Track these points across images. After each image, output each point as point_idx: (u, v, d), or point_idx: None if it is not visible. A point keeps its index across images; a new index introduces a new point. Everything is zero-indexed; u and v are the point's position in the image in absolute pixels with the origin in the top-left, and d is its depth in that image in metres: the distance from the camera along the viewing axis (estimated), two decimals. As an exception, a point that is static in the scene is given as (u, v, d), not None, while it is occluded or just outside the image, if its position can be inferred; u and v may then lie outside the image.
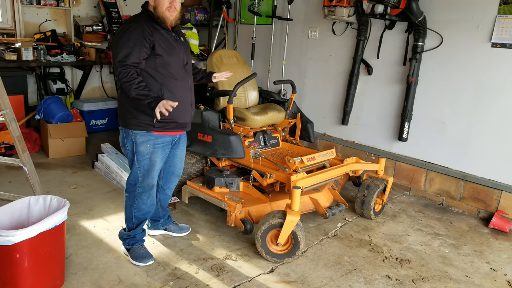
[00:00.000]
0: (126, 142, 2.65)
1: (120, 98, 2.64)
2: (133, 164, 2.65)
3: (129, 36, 2.42)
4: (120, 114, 2.64)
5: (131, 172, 2.69)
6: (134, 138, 2.58)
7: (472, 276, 2.87)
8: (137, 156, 2.61)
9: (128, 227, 2.77)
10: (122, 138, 2.69)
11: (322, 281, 2.67)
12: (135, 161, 2.63)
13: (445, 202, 4.06)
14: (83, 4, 5.68)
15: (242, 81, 3.37)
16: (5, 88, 2.66)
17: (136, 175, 2.66)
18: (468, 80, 3.79)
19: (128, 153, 2.68)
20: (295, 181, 2.96)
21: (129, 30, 2.46)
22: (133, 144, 2.61)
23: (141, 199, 2.69)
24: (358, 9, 4.27)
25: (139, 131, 2.56)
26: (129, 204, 2.73)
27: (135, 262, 2.71)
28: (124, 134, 2.66)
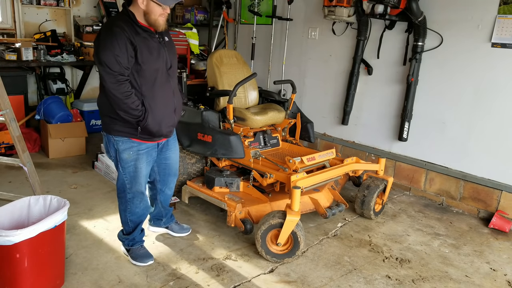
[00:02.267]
0: (109, 149, 2.55)
1: (100, 103, 2.46)
2: (119, 171, 2.57)
3: (116, 43, 2.24)
4: (101, 119, 2.52)
5: (118, 178, 2.61)
6: (116, 145, 2.48)
7: (472, 276, 2.87)
8: (121, 163, 2.52)
9: (125, 231, 2.74)
10: (106, 144, 2.58)
11: (322, 281, 2.67)
12: (120, 168, 2.54)
13: (445, 202, 4.06)
14: (83, 4, 5.68)
15: (242, 81, 3.37)
16: (5, 88, 2.66)
17: (123, 181, 2.58)
18: (468, 80, 3.79)
19: (113, 160, 2.60)
20: (295, 181, 2.96)
21: (115, 36, 2.25)
22: (116, 151, 2.51)
23: (133, 204, 2.63)
24: (358, 9, 4.27)
25: (120, 138, 2.45)
26: (122, 209, 2.68)
27: (135, 262, 2.70)
28: (106, 140, 2.54)
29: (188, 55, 5.97)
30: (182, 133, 3.55)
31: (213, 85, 3.79)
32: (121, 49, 2.24)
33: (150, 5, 2.32)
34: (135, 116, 2.36)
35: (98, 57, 2.27)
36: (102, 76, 2.28)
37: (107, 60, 2.23)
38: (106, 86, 2.28)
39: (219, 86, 3.73)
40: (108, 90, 2.28)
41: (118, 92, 2.27)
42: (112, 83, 2.26)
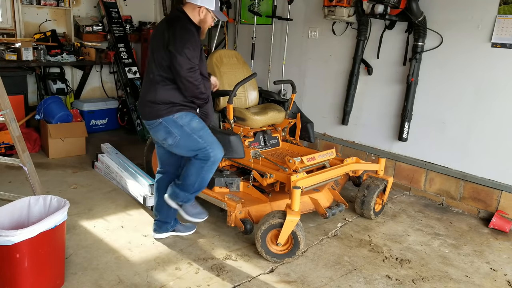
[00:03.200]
0: (172, 130, 2.67)
1: (158, 93, 2.64)
2: (195, 144, 2.68)
3: (194, 39, 2.61)
4: (156, 108, 2.65)
5: (193, 151, 2.69)
6: (180, 121, 2.66)
7: (472, 276, 2.87)
8: (195, 133, 2.68)
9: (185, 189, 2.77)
10: (164, 130, 2.68)
11: (322, 281, 2.67)
12: (196, 138, 2.68)
13: (445, 202, 4.06)
14: (83, 4, 5.68)
15: (242, 81, 3.37)
16: (5, 88, 2.66)
17: (204, 148, 2.68)
18: (468, 80, 3.79)
19: (177, 140, 2.68)
20: (295, 181, 2.96)
21: (192, 33, 2.62)
22: (181, 127, 2.67)
23: (212, 168, 2.75)
24: (358, 9, 4.27)
25: (181, 113, 2.67)
26: (194, 173, 2.73)
27: (190, 218, 2.82)
28: (165, 125, 2.67)
29: (188, 55, 5.97)
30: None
31: (213, 85, 3.78)
32: (196, 45, 2.62)
33: (208, 16, 2.72)
34: (202, 99, 2.71)
35: (178, 48, 2.53)
36: (180, 65, 2.53)
37: (187, 51, 2.54)
38: (182, 74, 2.54)
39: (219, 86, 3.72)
40: (184, 77, 2.56)
41: (193, 79, 2.58)
42: (189, 71, 2.56)
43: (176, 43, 2.53)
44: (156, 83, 2.65)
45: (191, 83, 2.59)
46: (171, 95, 2.64)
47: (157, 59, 2.64)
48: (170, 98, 2.65)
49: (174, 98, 2.65)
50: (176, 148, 2.74)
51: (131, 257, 2.80)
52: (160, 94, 2.64)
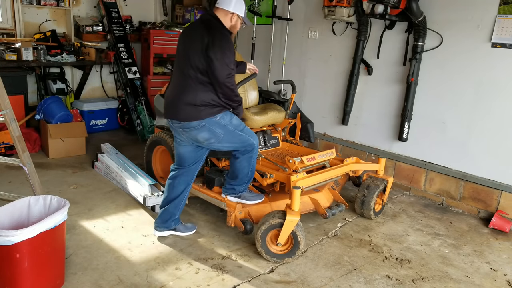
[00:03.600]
0: (215, 131, 2.80)
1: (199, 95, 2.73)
2: (240, 137, 2.88)
3: (231, 46, 2.76)
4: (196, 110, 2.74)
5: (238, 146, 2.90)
6: (222, 121, 2.81)
7: (472, 276, 2.87)
8: (238, 129, 2.87)
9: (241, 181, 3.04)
10: (209, 131, 2.79)
11: (322, 281, 2.67)
12: (239, 134, 2.87)
13: (445, 202, 4.06)
14: (83, 4, 5.68)
15: (242, 81, 3.37)
16: (5, 88, 2.66)
17: (248, 142, 2.90)
18: (468, 80, 3.79)
19: (221, 138, 2.83)
20: (295, 181, 2.96)
21: (230, 41, 2.77)
22: (224, 126, 2.82)
23: (255, 156, 3.00)
24: (358, 9, 4.27)
25: (222, 114, 2.81)
26: (245, 165, 2.99)
27: (251, 202, 3.08)
28: (209, 126, 2.78)
29: (188, 55, 5.97)
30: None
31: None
32: (232, 51, 2.75)
33: (238, 22, 2.85)
34: (237, 102, 2.85)
35: (218, 55, 2.65)
36: (219, 71, 2.66)
37: (226, 59, 2.67)
38: (221, 80, 2.68)
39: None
40: (222, 82, 2.69)
41: (230, 84, 2.73)
42: (228, 77, 2.70)
43: (216, 50, 2.65)
44: (195, 85, 2.74)
45: (228, 88, 2.73)
46: (210, 97, 2.75)
47: (193, 61, 2.71)
48: (210, 100, 2.75)
49: (214, 100, 2.76)
50: (219, 144, 2.88)
51: (131, 257, 2.80)
52: (200, 96, 2.73)
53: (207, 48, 2.65)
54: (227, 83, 2.71)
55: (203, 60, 2.67)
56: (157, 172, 3.92)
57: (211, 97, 2.75)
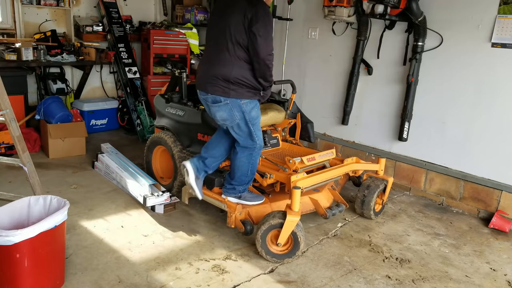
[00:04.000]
0: (234, 113, 2.85)
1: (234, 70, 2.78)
2: (246, 131, 2.91)
3: (272, 22, 2.84)
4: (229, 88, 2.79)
5: (242, 138, 2.93)
6: (244, 106, 2.84)
7: (472, 276, 2.87)
8: (251, 121, 2.89)
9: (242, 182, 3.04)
10: (229, 111, 2.85)
11: (322, 281, 2.67)
12: (249, 125, 2.90)
13: (445, 202, 4.06)
14: (83, 4, 5.68)
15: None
16: (5, 88, 2.66)
17: (252, 137, 2.93)
18: (468, 80, 3.79)
19: (235, 123, 2.88)
20: (295, 181, 2.96)
21: (270, 16, 2.81)
22: (243, 113, 2.86)
23: (257, 155, 3.01)
24: (358, 9, 4.27)
25: (248, 100, 2.85)
26: (246, 162, 2.99)
27: (251, 203, 3.07)
28: (231, 106, 2.83)
29: (188, 55, 5.99)
30: (182, 133, 3.55)
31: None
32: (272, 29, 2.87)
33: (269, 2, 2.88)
34: (269, 82, 2.88)
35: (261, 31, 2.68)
36: (261, 47, 2.70)
37: (269, 35, 2.74)
38: (262, 56, 2.72)
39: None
40: (262, 59, 2.73)
41: (270, 62, 2.77)
42: (269, 54, 2.74)
43: (260, 26, 2.67)
44: (232, 59, 2.76)
45: (267, 65, 2.76)
46: (245, 75, 2.78)
47: (234, 35, 2.73)
48: (244, 78, 2.78)
49: (247, 79, 2.79)
50: (231, 128, 2.94)
51: (131, 257, 2.80)
52: (236, 72, 2.76)
53: (251, 23, 2.66)
54: (267, 61, 2.74)
55: (244, 36, 2.70)
56: (157, 172, 3.92)
57: (246, 75, 2.78)
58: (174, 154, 3.55)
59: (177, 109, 3.60)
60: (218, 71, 2.78)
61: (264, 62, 2.74)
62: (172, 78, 3.93)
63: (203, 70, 2.91)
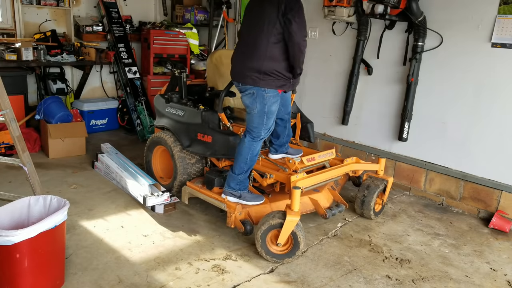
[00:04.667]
0: (256, 103, 2.99)
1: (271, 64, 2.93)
2: (261, 119, 3.02)
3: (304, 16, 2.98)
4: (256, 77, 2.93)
5: (254, 126, 3.04)
6: (266, 99, 2.98)
7: (472, 276, 2.87)
8: (267, 115, 3.02)
9: (239, 170, 3.10)
10: (252, 100, 3.00)
11: (322, 281, 2.67)
12: (264, 118, 3.02)
13: (445, 202, 4.06)
14: (83, 4, 5.68)
15: (227, 87, 3.32)
16: (5, 88, 2.66)
17: (260, 129, 3.04)
18: (468, 80, 3.79)
19: (254, 113, 3.01)
20: (295, 181, 2.96)
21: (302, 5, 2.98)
22: (263, 105, 2.99)
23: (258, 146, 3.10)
24: (358, 9, 4.26)
25: (272, 91, 2.98)
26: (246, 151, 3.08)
27: (251, 203, 3.11)
28: (255, 96, 2.98)
29: (188, 55, 5.99)
30: (182, 133, 3.55)
31: (213, 85, 3.79)
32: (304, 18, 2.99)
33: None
34: (300, 69, 3.06)
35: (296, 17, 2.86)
36: (296, 32, 2.85)
37: (304, 22, 2.93)
38: (297, 40, 2.87)
39: (219, 86, 3.72)
40: (297, 43, 2.88)
41: (303, 47, 2.93)
42: (303, 39, 2.91)
43: (294, 13, 2.85)
44: (263, 53, 2.91)
45: (300, 50, 2.92)
46: (276, 67, 2.93)
47: (267, 27, 2.88)
48: (275, 70, 2.93)
49: (278, 71, 2.94)
50: (248, 115, 3.09)
51: (131, 257, 2.80)
52: (267, 65, 2.92)
53: (285, 11, 2.83)
54: (301, 45, 2.90)
55: (278, 25, 2.85)
56: (157, 172, 3.92)
57: (277, 67, 2.93)
58: (174, 154, 3.56)
59: (177, 109, 3.60)
60: (250, 65, 2.95)
61: (298, 47, 2.90)
62: (172, 78, 3.93)
63: (237, 62, 3.09)
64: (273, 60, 2.92)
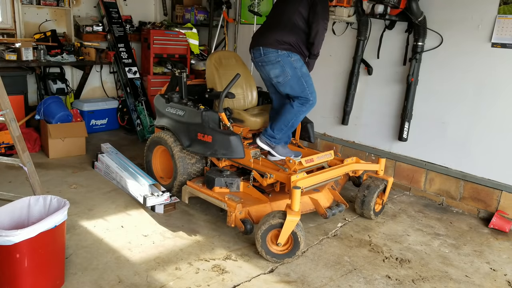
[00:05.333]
0: (286, 70, 3.25)
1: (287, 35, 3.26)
2: (300, 87, 3.28)
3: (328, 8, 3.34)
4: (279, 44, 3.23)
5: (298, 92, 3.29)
6: (294, 63, 3.25)
7: (472, 276, 2.87)
8: (303, 77, 3.28)
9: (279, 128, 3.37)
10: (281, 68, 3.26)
11: (322, 281, 2.67)
12: (302, 83, 3.28)
13: (445, 202, 4.06)
14: (83, 4, 5.68)
15: (227, 87, 3.33)
16: (5, 88, 2.66)
17: (306, 93, 3.28)
18: (468, 80, 3.79)
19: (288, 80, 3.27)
20: (295, 181, 2.96)
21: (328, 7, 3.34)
22: (295, 69, 3.26)
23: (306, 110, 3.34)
24: (358, 9, 4.27)
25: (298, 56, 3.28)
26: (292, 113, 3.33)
27: (282, 157, 3.37)
28: (282, 63, 3.24)
29: (188, 55, 5.99)
30: (182, 133, 3.55)
31: (212, 86, 3.79)
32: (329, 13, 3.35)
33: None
34: (316, 53, 3.39)
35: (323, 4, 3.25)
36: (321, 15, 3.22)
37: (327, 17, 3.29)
38: (320, 21, 3.22)
39: (218, 87, 3.72)
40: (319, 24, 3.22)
41: (324, 29, 3.27)
42: (324, 29, 3.28)
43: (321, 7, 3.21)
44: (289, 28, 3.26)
45: (321, 30, 3.24)
46: (296, 40, 3.25)
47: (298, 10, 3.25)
48: (295, 42, 3.24)
49: (296, 43, 3.25)
50: (283, 86, 3.32)
51: (131, 257, 2.80)
52: (288, 37, 3.24)
53: (314, 3, 3.20)
54: (322, 26, 3.23)
55: (306, 5, 3.23)
56: (157, 172, 3.92)
57: (296, 40, 3.24)
58: (174, 154, 3.56)
59: (177, 109, 3.60)
60: (275, 35, 3.25)
61: (319, 27, 3.22)
62: (172, 78, 3.93)
63: (261, 31, 3.38)
64: (295, 34, 3.25)
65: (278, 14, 3.37)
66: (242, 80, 3.89)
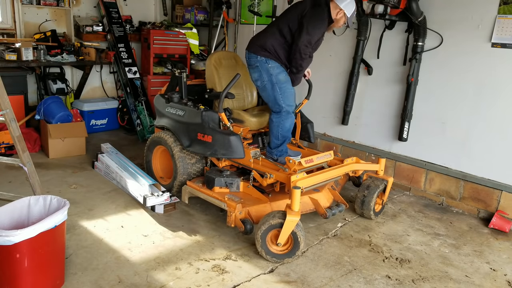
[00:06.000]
0: (263, 75, 3.36)
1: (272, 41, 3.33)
2: (273, 94, 3.36)
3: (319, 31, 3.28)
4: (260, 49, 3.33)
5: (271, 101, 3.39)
6: (271, 70, 3.32)
7: (472, 276, 2.87)
8: (278, 84, 3.34)
9: (274, 144, 3.49)
10: (259, 73, 3.36)
11: (322, 281, 2.67)
12: (277, 89, 3.34)
13: (445, 202, 4.06)
14: (83, 4, 5.68)
15: (227, 87, 3.32)
16: (5, 88, 2.66)
17: (279, 102, 3.36)
18: (468, 80, 3.79)
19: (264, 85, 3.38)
20: (295, 181, 2.96)
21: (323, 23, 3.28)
22: (270, 76, 3.33)
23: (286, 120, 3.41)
24: (358, 9, 4.26)
25: (275, 63, 3.33)
26: (275, 125, 3.44)
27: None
28: (260, 68, 3.34)
29: (188, 55, 5.99)
30: (182, 133, 3.55)
31: (212, 86, 3.78)
32: (320, 32, 3.29)
33: (342, 19, 3.32)
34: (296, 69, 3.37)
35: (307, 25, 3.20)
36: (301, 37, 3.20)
37: (311, 31, 3.20)
38: (299, 44, 3.21)
39: (218, 88, 3.72)
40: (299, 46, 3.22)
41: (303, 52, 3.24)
42: (305, 46, 3.22)
43: (308, 22, 3.19)
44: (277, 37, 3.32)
45: (300, 55, 3.24)
46: (276, 49, 3.31)
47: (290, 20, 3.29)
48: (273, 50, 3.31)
49: (279, 52, 3.32)
50: (261, 91, 3.46)
51: (131, 257, 2.80)
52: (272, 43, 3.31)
53: (303, 16, 3.22)
54: (301, 49, 3.21)
55: (296, 24, 3.25)
56: (157, 172, 3.92)
57: (276, 49, 3.30)
58: (174, 154, 3.56)
59: (177, 109, 3.60)
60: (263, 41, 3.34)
61: (299, 51, 3.23)
62: (172, 78, 3.93)
63: (256, 35, 3.49)
64: (278, 44, 3.30)
65: (273, 22, 3.48)
66: (242, 80, 3.88)
